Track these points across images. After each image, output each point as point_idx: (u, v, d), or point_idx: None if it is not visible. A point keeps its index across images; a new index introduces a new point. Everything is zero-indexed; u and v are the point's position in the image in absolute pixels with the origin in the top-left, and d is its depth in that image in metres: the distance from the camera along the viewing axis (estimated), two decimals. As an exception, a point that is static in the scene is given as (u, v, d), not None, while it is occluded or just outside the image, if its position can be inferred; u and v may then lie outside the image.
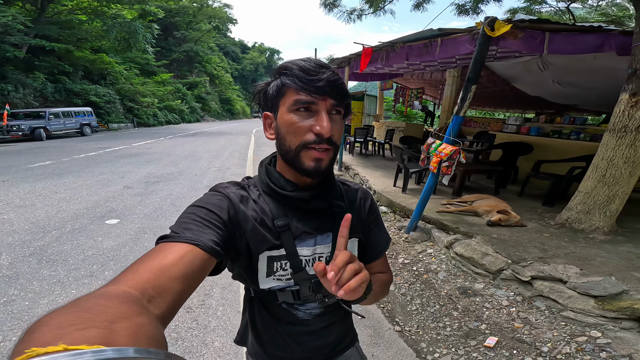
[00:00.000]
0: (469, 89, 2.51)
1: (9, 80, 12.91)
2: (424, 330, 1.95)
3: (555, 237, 2.65)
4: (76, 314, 0.23)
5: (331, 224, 0.63)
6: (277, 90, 0.55)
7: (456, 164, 2.71)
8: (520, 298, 2.14)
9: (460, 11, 6.33)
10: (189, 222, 0.48)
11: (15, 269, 2.25)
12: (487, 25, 2.34)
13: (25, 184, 4.60)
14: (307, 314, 0.65)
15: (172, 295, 0.36)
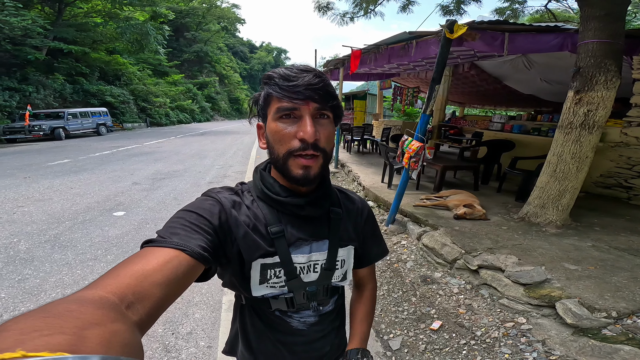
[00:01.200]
0: (433, 89, 2.62)
1: (30, 82, 13.45)
2: (385, 313, 2.13)
3: (511, 230, 2.77)
4: (43, 319, 0.22)
5: (327, 231, 0.62)
6: (263, 100, 0.55)
7: (422, 159, 2.84)
8: (470, 286, 2.30)
9: (445, 12, 6.37)
10: (177, 227, 0.47)
11: (31, 253, 2.58)
12: (446, 27, 2.46)
13: (44, 180, 5.01)
14: (301, 322, 0.64)
15: (153, 302, 0.35)
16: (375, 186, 4.43)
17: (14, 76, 12.94)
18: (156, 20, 21.22)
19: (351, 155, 7.28)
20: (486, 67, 4.98)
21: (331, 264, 0.62)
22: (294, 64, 0.55)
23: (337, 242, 0.62)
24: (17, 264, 2.39)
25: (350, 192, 0.72)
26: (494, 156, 4.67)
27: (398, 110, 13.59)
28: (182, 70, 30.35)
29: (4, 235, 2.83)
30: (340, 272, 0.65)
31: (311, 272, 0.61)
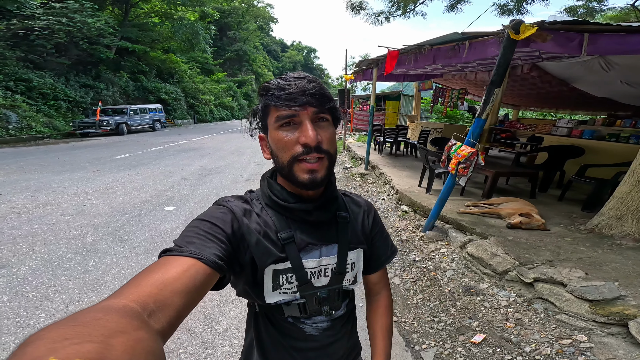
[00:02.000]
0: (492, 92, 2.41)
1: (102, 79, 14.63)
2: (418, 322, 2.01)
3: (576, 242, 2.49)
4: (72, 328, 0.23)
5: (336, 235, 0.62)
6: (262, 111, 0.56)
7: (474, 165, 2.61)
8: (521, 299, 2.10)
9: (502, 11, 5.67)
10: (192, 236, 0.47)
11: (96, 245, 2.81)
12: (511, 28, 2.19)
13: (109, 173, 5.50)
14: (314, 328, 0.63)
15: (174, 310, 0.35)
16: (411, 190, 4.17)
17: (90, 74, 14.21)
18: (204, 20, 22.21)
19: (383, 157, 6.97)
20: (550, 69, 4.42)
21: (341, 267, 0.62)
22: (287, 73, 0.55)
23: (346, 245, 0.62)
24: (84, 255, 2.62)
25: (355, 195, 0.71)
26: (557, 163, 4.23)
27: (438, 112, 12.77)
28: (224, 69, 31.65)
29: (75, 227, 3.13)
30: (351, 275, 0.65)
31: (322, 277, 0.61)
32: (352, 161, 7.67)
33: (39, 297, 2.06)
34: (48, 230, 3.01)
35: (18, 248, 2.62)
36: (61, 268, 2.40)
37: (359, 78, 6.94)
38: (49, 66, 12.30)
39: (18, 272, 2.29)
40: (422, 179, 4.42)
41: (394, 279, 2.54)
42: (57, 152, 7.57)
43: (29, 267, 2.36)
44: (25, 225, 3.09)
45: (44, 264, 2.43)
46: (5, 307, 1.93)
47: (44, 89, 11.45)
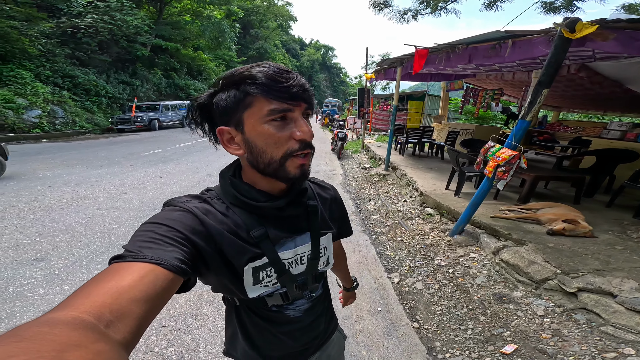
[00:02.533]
0: (539, 93, 2.23)
1: (137, 77, 15.21)
2: (442, 330, 1.88)
3: (628, 251, 2.26)
4: (16, 345, 0.20)
5: (307, 224, 0.62)
6: (237, 101, 0.49)
7: (515, 169, 2.39)
8: (560, 310, 1.93)
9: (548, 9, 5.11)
10: (147, 241, 0.43)
11: (127, 240, 2.82)
12: (565, 26, 1.94)
13: (141, 168, 5.70)
14: (297, 310, 0.65)
15: (134, 319, 0.32)
16: (437, 193, 3.94)
17: (127, 71, 14.86)
18: (229, 18, 22.53)
19: (405, 158, 6.68)
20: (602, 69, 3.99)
21: (315, 253, 0.63)
22: (267, 62, 0.50)
23: (317, 232, 0.63)
24: (116, 249, 2.68)
25: (320, 181, 0.72)
26: (607, 167, 3.88)
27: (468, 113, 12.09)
28: (247, 66, 32.13)
29: (109, 221, 3.23)
30: (324, 259, 0.66)
31: (299, 265, 0.62)
32: (371, 161, 7.43)
33: (72, 290, 2.10)
34: (85, 224, 3.14)
35: (57, 241, 2.74)
36: (95, 262, 2.47)
37: (380, 77, 6.67)
38: (92, 63, 13.01)
39: (55, 265, 2.38)
40: (449, 181, 4.18)
41: (416, 283, 2.41)
42: (97, 147, 8.00)
43: (65, 261, 2.45)
44: (65, 218, 3.23)
45: (79, 257, 2.51)
46: (41, 300, 2.00)
47: (87, 85, 12.15)
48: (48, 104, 10.13)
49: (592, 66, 3.92)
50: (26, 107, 9.44)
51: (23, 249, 2.56)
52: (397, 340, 1.82)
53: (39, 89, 10.15)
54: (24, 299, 2.00)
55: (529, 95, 2.22)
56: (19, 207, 3.45)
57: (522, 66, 4.25)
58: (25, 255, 2.47)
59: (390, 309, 2.11)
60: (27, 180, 4.49)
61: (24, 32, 10.32)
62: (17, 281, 2.15)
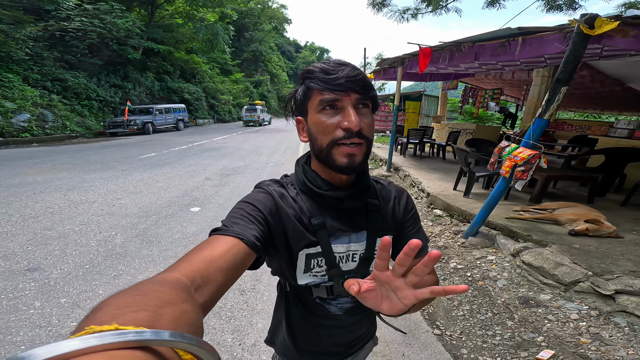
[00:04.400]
0: (557, 91, 2.19)
1: (129, 80, 14.97)
2: (467, 336, 1.80)
3: None
4: (133, 297, 0.25)
5: (365, 222, 0.62)
6: (303, 94, 0.56)
7: (535, 169, 2.35)
8: (596, 313, 1.86)
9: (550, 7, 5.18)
10: (237, 217, 0.49)
11: (125, 247, 2.74)
12: (583, 22, 1.91)
13: (137, 173, 5.54)
14: (338, 308, 0.66)
15: (216, 286, 0.37)
16: (445, 193, 3.90)
17: (118, 74, 14.60)
18: (223, 20, 22.43)
19: (406, 159, 6.65)
20: (604, 68, 4.03)
21: (369, 253, 0.63)
22: (331, 59, 0.55)
23: (374, 233, 0.63)
24: (114, 258, 2.55)
25: (385, 181, 0.71)
26: (616, 166, 3.90)
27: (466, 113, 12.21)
28: (242, 69, 31.98)
29: (105, 228, 3.09)
30: None
31: (350, 261, 0.62)
32: (371, 162, 7.39)
33: (70, 303, 1.98)
34: (79, 231, 2.98)
35: (50, 250, 2.59)
36: (92, 272, 2.33)
37: (379, 77, 6.67)
38: (82, 66, 12.73)
39: (50, 276, 2.24)
40: (457, 181, 4.14)
41: None
42: (89, 151, 7.78)
43: (60, 271, 2.31)
44: (58, 225, 3.07)
45: (75, 267, 2.37)
46: (37, 314, 1.86)
47: (77, 88, 11.87)
48: (37, 108, 9.85)
49: (595, 65, 3.95)
50: (15, 111, 9.15)
51: (15, 259, 2.41)
52: (419, 348, 1.74)
53: (28, 92, 9.87)
54: (19, 312, 1.86)
55: (547, 94, 2.18)
56: (9, 213, 3.27)
57: (524, 65, 4.27)
58: (17, 265, 2.32)
59: (407, 316, 2.01)
60: (17, 185, 4.29)
61: (11, 35, 10.06)
62: (9, 293, 2.01)
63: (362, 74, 0.52)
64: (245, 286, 2.25)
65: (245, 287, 2.25)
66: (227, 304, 2.06)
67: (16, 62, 10.24)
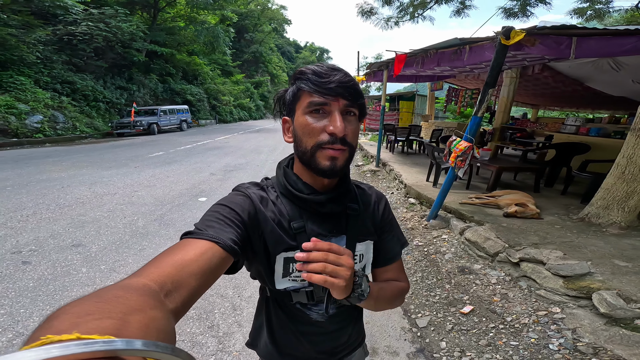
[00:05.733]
0: (486, 92, 2.65)
1: (134, 82, 15.44)
2: (416, 296, 2.28)
3: (564, 229, 2.70)
4: (95, 304, 0.24)
5: (345, 227, 0.62)
6: (293, 95, 0.56)
7: (470, 158, 2.86)
8: (509, 278, 2.33)
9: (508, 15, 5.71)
10: (212, 220, 0.48)
11: (146, 229, 3.29)
12: (502, 34, 2.43)
13: (148, 169, 6.08)
14: (320, 314, 0.64)
15: (189, 291, 0.36)
16: (418, 184, 4.44)
17: (123, 76, 15.05)
18: (224, 23, 22.69)
19: (394, 155, 7.20)
20: (561, 69, 4.50)
21: None
22: (324, 63, 0.56)
23: (355, 237, 0.62)
24: (138, 237, 3.09)
25: (367, 187, 0.70)
26: (564, 159, 4.40)
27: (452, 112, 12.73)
28: (242, 70, 32.12)
29: (128, 214, 3.64)
30: (359, 267, 0.64)
31: None
32: (364, 159, 7.93)
33: (108, 269, 2.52)
34: (108, 216, 3.54)
35: (87, 231, 3.14)
36: (122, 247, 2.87)
37: (370, 79, 7.17)
38: (89, 69, 13.21)
39: (90, 249, 2.79)
40: (429, 174, 4.67)
41: None
42: (101, 151, 8.33)
43: (98, 246, 2.85)
44: (89, 212, 3.63)
45: (109, 243, 2.92)
46: (84, 277, 2.40)
47: (85, 90, 12.37)
48: (49, 109, 10.37)
49: (553, 66, 4.42)
50: (28, 112, 9.67)
51: (60, 237, 2.96)
52: None
53: (39, 94, 10.37)
54: (71, 276, 2.39)
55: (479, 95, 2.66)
56: (46, 203, 3.83)
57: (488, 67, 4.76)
58: (63, 242, 2.87)
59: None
60: (46, 181, 4.85)
61: (22, 39, 10.53)
62: (62, 263, 2.55)
63: (353, 81, 0.53)
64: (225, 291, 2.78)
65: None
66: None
67: (27, 65, 10.71)
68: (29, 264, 2.48)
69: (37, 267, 2.45)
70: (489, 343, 1.77)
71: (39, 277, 2.32)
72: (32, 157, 6.79)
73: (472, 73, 5.69)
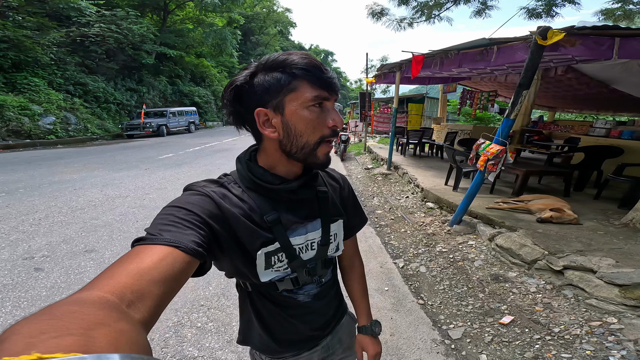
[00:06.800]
0: (520, 94, 2.53)
1: (144, 84, 15.59)
2: (445, 306, 2.13)
3: (609, 235, 2.53)
4: (48, 322, 0.21)
5: (318, 210, 0.63)
6: (280, 84, 0.51)
7: (503, 162, 2.71)
8: (550, 286, 2.19)
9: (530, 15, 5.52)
10: (166, 224, 0.44)
11: (161, 234, 3.20)
12: (538, 34, 2.29)
13: (159, 171, 6.04)
14: (306, 295, 0.67)
15: (153, 300, 0.34)
16: (437, 188, 4.28)
17: (134, 78, 15.21)
18: (231, 25, 22.88)
19: (406, 158, 7.03)
20: (587, 71, 4.34)
21: (326, 239, 0.64)
22: (307, 52, 0.54)
23: (328, 218, 0.65)
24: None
25: (330, 170, 0.72)
26: (594, 163, 4.20)
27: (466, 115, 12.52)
28: (248, 72, 32.29)
29: (140, 218, 3.57)
30: (334, 245, 0.68)
31: (309, 250, 0.63)
32: (373, 162, 7.77)
33: (122, 276, 2.44)
34: (120, 220, 3.47)
35: (100, 235, 3.07)
36: (135, 253, 2.79)
37: (380, 81, 7.04)
38: (100, 71, 13.35)
39: (104, 255, 2.71)
40: (448, 177, 4.51)
41: (419, 267, 2.67)
42: (112, 152, 8.35)
43: (111, 252, 2.78)
44: (102, 216, 3.57)
45: (122, 249, 2.84)
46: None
47: (97, 92, 12.50)
48: (61, 111, 10.49)
49: (578, 68, 4.26)
50: (41, 114, 9.79)
51: (73, 243, 2.90)
52: (404, 314, 2.07)
53: (52, 96, 10.49)
54: (84, 284, 2.32)
55: (512, 97, 2.55)
56: (58, 206, 3.79)
57: (512, 69, 4.60)
58: (76, 248, 2.80)
59: (397, 288, 2.36)
60: (58, 182, 4.83)
61: (37, 40, 10.68)
62: (75, 269, 2.48)
63: None
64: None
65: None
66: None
67: (42, 66, 10.86)
68: (41, 270, 2.41)
69: (49, 274, 2.37)
70: (535, 355, 1.63)
71: (52, 285, 2.24)
72: (44, 159, 6.82)
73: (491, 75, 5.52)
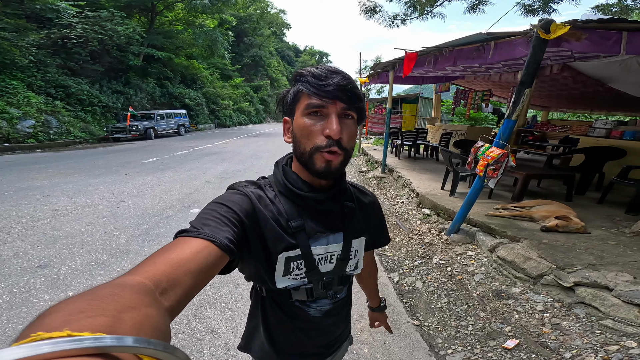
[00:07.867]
0: (522, 93, 2.35)
1: (131, 86, 15.23)
2: (443, 327, 1.93)
3: (621, 246, 2.33)
4: (89, 302, 0.24)
5: (341, 224, 0.64)
6: (293, 96, 0.57)
7: (504, 167, 2.50)
8: (559, 304, 1.98)
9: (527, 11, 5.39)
10: (208, 219, 0.48)
11: (128, 246, 2.92)
12: (540, 27, 2.09)
13: (139, 177, 5.72)
14: (317, 310, 0.66)
15: (184, 289, 0.36)
16: (432, 193, 4.05)
17: (120, 80, 14.85)
18: (222, 26, 22.68)
19: (401, 160, 6.82)
20: (584, 69, 4.19)
21: (346, 254, 0.64)
22: (324, 65, 0.56)
23: (351, 234, 0.65)
24: (118, 256, 2.72)
25: (362, 187, 0.73)
26: (595, 164, 4.03)
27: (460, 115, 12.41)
28: (242, 74, 32.10)
29: (109, 229, 3.27)
30: (354, 262, 0.68)
31: (328, 263, 0.63)
32: (368, 164, 7.56)
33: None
34: (86, 231, 3.16)
35: (59, 249, 2.77)
36: (97, 268, 2.50)
37: (374, 81, 6.87)
38: (85, 73, 12.96)
39: (59, 272, 2.42)
40: (445, 181, 4.30)
41: (415, 282, 2.47)
42: (93, 156, 7.99)
43: (68, 267, 2.48)
44: (66, 226, 3.26)
45: (82, 264, 2.55)
46: (47, 305, 2.01)
47: (80, 95, 12.10)
48: (42, 114, 10.09)
49: (574, 66, 4.11)
50: (20, 117, 9.39)
51: (26, 257, 2.59)
52: (399, 337, 1.86)
53: (32, 99, 10.11)
54: (30, 304, 2.03)
55: (513, 96, 2.35)
56: (19, 215, 3.46)
57: (507, 67, 4.44)
58: (28, 263, 2.50)
59: (391, 307, 2.14)
60: (25, 189, 4.49)
61: (15, 42, 10.32)
62: (22, 287, 2.18)
63: (352, 84, 0.53)
64: (240, 280, 2.41)
65: (240, 280, 2.40)
66: (222, 296, 2.22)
67: (20, 69, 10.48)
68: (-19, 291, 2.11)
69: (-10, 295, 2.07)
70: (545, 388, 1.40)
71: (-11, 307, 1.94)
72: (18, 164, 6.45)
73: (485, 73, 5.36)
